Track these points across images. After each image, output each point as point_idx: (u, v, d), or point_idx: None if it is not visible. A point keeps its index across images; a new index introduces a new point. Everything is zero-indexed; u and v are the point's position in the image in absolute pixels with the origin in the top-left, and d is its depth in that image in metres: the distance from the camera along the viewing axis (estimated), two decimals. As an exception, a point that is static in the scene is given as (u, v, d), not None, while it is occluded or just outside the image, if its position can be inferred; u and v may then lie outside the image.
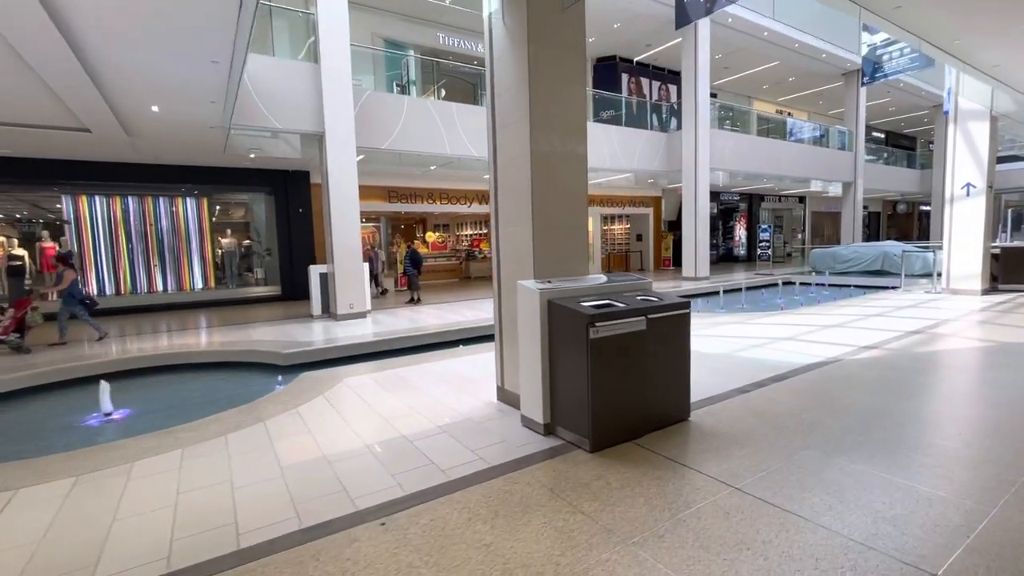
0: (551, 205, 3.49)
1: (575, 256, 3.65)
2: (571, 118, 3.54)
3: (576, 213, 3.63)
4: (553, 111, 3.45)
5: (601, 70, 17.31)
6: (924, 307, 8.21)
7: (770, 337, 6.16)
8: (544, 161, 3.43)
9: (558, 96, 3.47)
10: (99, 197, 11.09)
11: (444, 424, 3.55)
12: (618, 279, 3.65)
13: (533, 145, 3.38)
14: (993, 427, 3.19)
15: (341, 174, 8.69)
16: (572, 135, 3.56)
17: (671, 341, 3.31)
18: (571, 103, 3.54)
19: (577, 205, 3.63)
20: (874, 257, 14.25)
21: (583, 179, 3.66)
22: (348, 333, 7.42)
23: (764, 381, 4.31)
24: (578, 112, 3.58)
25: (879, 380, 4.24)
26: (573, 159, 3.58)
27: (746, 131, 17.67)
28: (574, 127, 3.57)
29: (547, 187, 3.47)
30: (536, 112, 3.38)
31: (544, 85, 3.40)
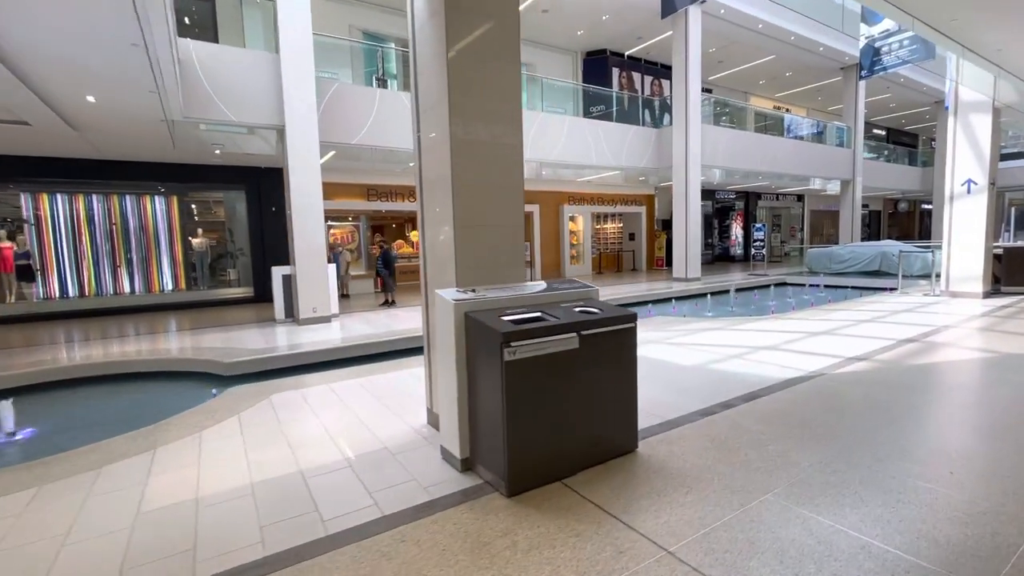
0: (477, 201, 3.01)
1: (508, 260, 3.16)
2: (501, 101, 3.06)
3: (509, 211, 3.14)
4: (478, 92, 2.97)
5: (591, 64, 16.81)
6: (921, 311, 7.70)
7: (751, 346, 5.66)
8: (467, 150, 2.94)
9: (484, 74, 2.98)
10: (61, 195, 10.63)
11: (356, 455, 3.07)
12: (560, 287, 3.16)
13: (453, 130, 2.90)
14: (990, 463, 2.70)
15: (303, 170, 8.21)
16: (502, 120, 3.07)
17: (612, 361, 2.82)
18: (501, 83, 3.05)
19: (510, 202, 3.15)
20: (872, 257, 13.73)
21: (517, 172, 3.17)
22: (305, 339, 6.95)
23: (734, 401, 3.82)
24: (510, 94, 3.09)
25: (863, 400, 3.75)
26: (504, 148, 3.09)
27: (742, 127, 17.15)
28: (505, 111, 3.08)
29: (471, 180, 2.98)
30: (456, 93, 2.89)
31: (466, 61, 2.92)
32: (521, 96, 3.15)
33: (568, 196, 16.95)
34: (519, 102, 3.14)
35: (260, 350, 6.30)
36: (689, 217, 13.77)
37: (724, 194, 21.64)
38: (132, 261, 11.36)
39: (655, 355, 5.36)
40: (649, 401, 3.85)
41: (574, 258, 17.49)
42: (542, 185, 16.02)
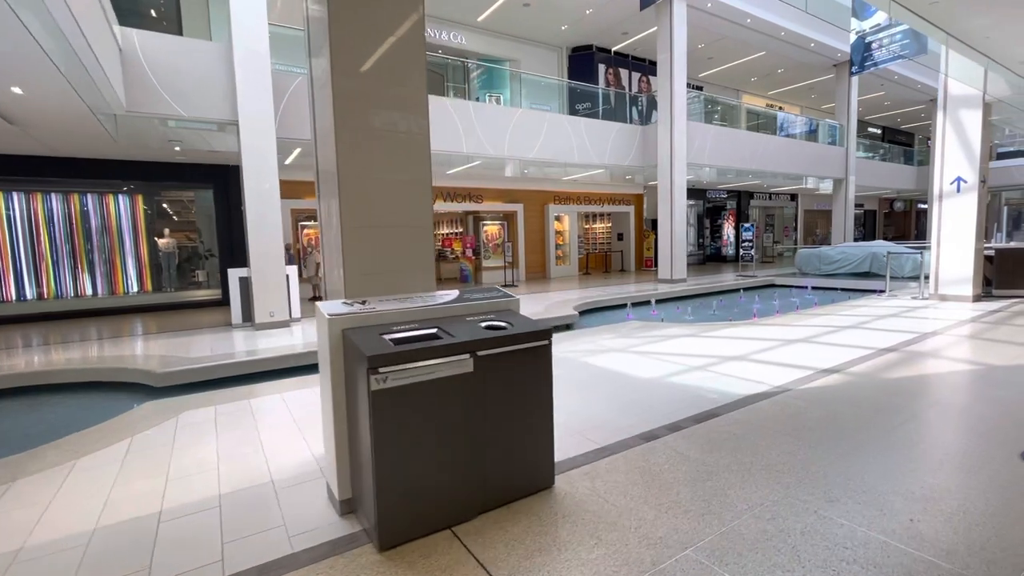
0: (371, 198, 2.61)
1: (412, 266, 2.76)
2: (400, 84, 2.65)
3: (414, 209, 2.74)
4: (370, 73, 2.56)
5: (577, 61, 16.41)
6: (906, 316, 7.31)
7: (719, 356, 5.27)
8: (355, 139, 2.54)
9: (376, 52, 2.58)
10: (17, 194, 10.22)
11: (235, 490, 2.67)
12: (473, 297, 2.76)
13: (337, 115, 2.50)
14: (960, 505, 2.30)
15: (259, 168, 7.80)
16: (402, 106, 2.67)
17: (520, 385, 2.42)
18: (399, 63, 2.65)
19: (415, 198, 2.74)
20: (862, 258, 13.34)
21: (423, 163, 2.77)
22: (258, 346, 6.55)
23: (683, 422, 3.42)
24: (411, 76, 2.69)
25: (826, 422, 3.35)
26: (404, 138, 2.69)
27: (735, 126, 16.76)
28: (406, 96, 2.68)
29: (363, 174, 2.58)
30: (340, 74, 2.49)
31: (353, 37, 2.51)
32: (425, 79, 2.75)
33: (554, 195, 16.55)
34: (422, 86, 2.74)
35: (200, 358, 5.90)
36: (674, 216, 13.37)
37: (716, 193, 21.26)
38: (94, 262, 10.95)
39: (613, 366, 4.96)
40: (588, 421, 3.46)
41: (560, 259, 17.09)
42: (526, 184, 15.63)
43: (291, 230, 12.24)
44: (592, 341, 6.23)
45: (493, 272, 15.11)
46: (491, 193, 15.35)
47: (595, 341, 6.22)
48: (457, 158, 11.37)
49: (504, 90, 14.48)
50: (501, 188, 15.41)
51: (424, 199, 2.78)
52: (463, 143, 10.74)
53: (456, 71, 14.45)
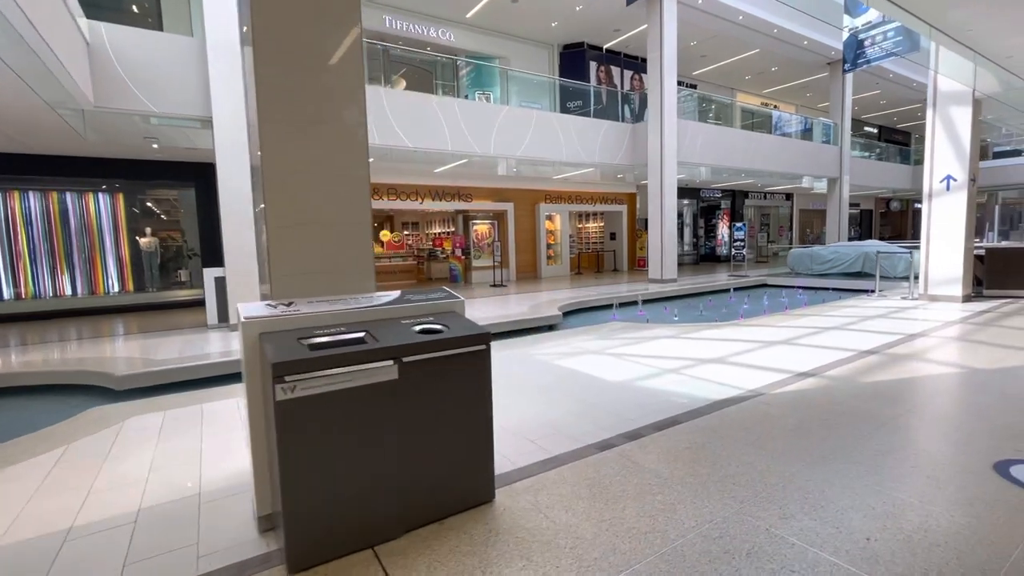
0: (299, 193, 2.45)
1: (348, 267, 2.60)
2: (332, 68, 2.49)
3: (349, 206, 2.58)
4: (297, 54, 2.40)
5: (568, 58, 16.25)
6: (893, 317, 7.15)
7: (696, 358, 5.11)
8: (282, 128, 2.38)
9: (304, 31, 2.42)
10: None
11: (158, 503, 2.51)
12: (414, 298, 2.60)
13: (261, 105, 2.34)
14: (922, 522, 2.15)
15: (232, 165, 7.63)
16: (334, 95, 2.51)
17: (455, 393, 2.27)
18: (331, 45, 2.49)
19: (350, 195, 2.58)
20: (855, 258, 13.19)
21: (360, 158, 2.61)
22: (225, 348, 6.39)
23: (644, 429, 3.26)
24: (346, 60, 2.53)
25: (793, 429, 3.19)
26: (338, 128, 2.53)
27: (729, 124, 16.60)
28: (339, 82, 2.52)
29: (290, 167, 2.42)
30: (264, 53, 2.33)
31: (278, 12, 2.35)
32: (363, 68, 2.59)
33: (545, 194, 16.40)
34: (359, 75, 2.58)
35: (164, 360, 5.73)
36: (664, 216, 13.22)
37: (710, 192, 21.11)
38: (74, 262, 10.79)
39: (585, 368, 4.80)
40: (545, 428, 3.30)
41: (551, 258, 16.93)
42: (517, 183, 15.47)
43: (275, 229, 12.05)
44: (569, 343, 6.07)
45: (483, 272, 14.94)
46: (481, 192, 15.19)
47: (572, 343, 6.07)
48: (443, 156, 11.21)
49: (494, 88, 14.33)
50: (491, 187, 15.25)
51: (360, 196, 2.62)
52: (448, 141, 10.58)
53: (445, 69, 14.30)
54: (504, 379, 4.54)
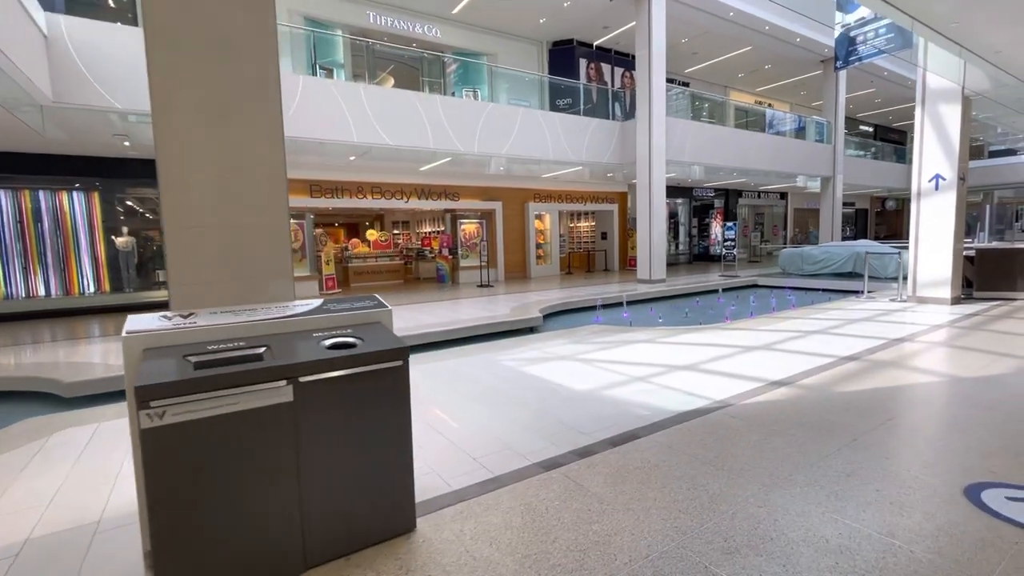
0: (202, 192, 2.23)
1: (262, 272, 2.38)
2: (238, 53, 2.27)
3: (263, 205, 2.37)
4: (199, 32, 2.18)
5: (558, 55, 16.01)
6: (879, 321, 6.95)
7: (668, 365, 4.90)
8: (180, 119, 2.17)
9: (206, 7, 2.19)
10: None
11: (47, 534, 2.29)
12: (335, 308, 2.39)
13: (156, 88, 2.12)
14: (876, 566, 1.94)
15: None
16: (242, 81, 2.29)
17: (366, 414, 2.05)
18: (236, 28, 2.27)
19: (264, 192, 2.37)
20: (846, 258, 12.99)
21: (274, 152, 2.39)
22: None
23: (596, 446, 3.05)
24: (256, 45, 2.31)
25: (755, 446, 2.98)
26: (248, 120, 2.31)
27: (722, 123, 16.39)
28: (247, 69, 2.30)
29: (191, 162, 2.21)
30: (157, 35, 2.11)
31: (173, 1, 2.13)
32: (276, 53, 2.37)
33: (534, 193, 16.18)
34: (271, 61, 2.36)
35: (118, 366, 5.51)
36: (653, 215, 13.01)
37: (703, 192, 20.93)
38: (47, 262, 10.55)
39: (550, 376, 4.59)
40: (492, 444, 3.08)
41: (541, 258, 16.72)
42: (505, 182, 15.26)
43: (256, 229, 11.82)
44: (542, 347, 5.86)
45: (470, 271, 14.72)
46: (469, 191, 14.97)
47: (545, 347, 5.85)
48: (425, 154, 10.99)
49: (481, 86, 14.11)
50: (479, 186, 15.03)
51: (276, 195, 2.40)
52: (430, 139, 10.35)
53: (432, 66, 14.06)
54: (465, 387, 4.33)
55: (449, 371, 4.89)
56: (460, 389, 4.30)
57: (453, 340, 7.11)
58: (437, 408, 3.82)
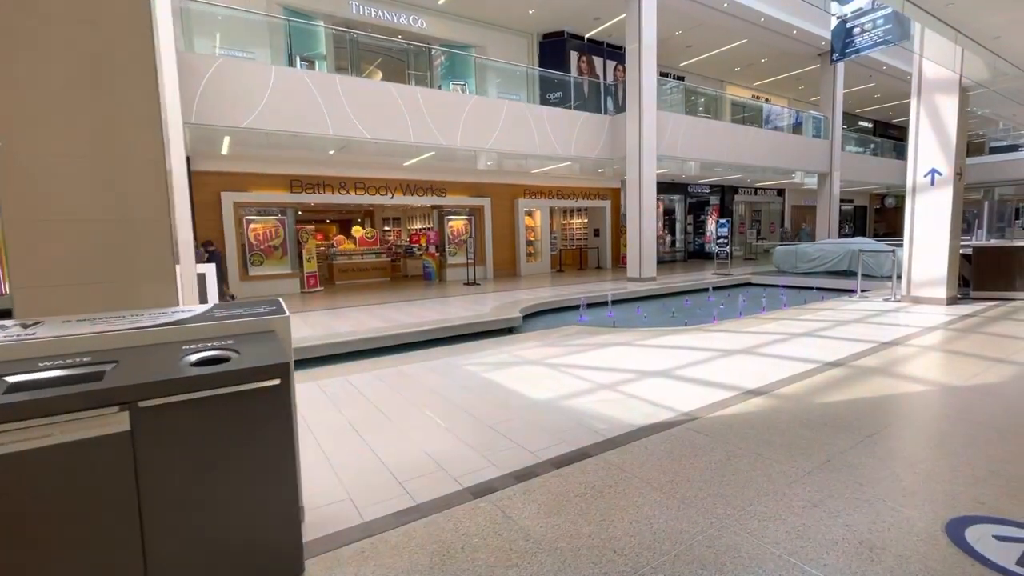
0: (56, 179, 1.91)
1: (133, 275, 2.06)
2: (94, 15, 1.94)
3: (134, 197, 2.05)
4: (41, 9, 1.86)
5: (548, 48, 15.64)
6: (870, 322, 6.63)
7: (639, 370, 4.58)
8: (23, 92, 1.84)
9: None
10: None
11: None
12: (220, 315, 2.07)
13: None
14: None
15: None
16: (106, 49, 1.96)
17: (236, 442, 1.73)
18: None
19: (136, 182, 2.04)
20: (841, 255, 12.66)
21: (149, 135, 2.07)
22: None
23: (540, 466, 2.73)
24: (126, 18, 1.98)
25: (716, 467, 2.67)
26: (113, 95, 1.98)
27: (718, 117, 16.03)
28: (111, 34, 1.97)
29: (38, 142, 1.88)
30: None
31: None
32: (149, 18, 2.04)
33: (524, 189, 15.84)
34: (144, 27, 2.03)
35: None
36: (643, 211, 12.67)
37: (698, 188, 20.57)
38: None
39: (511, 383, 4.27)
40: (424, 465, 2.77)
41: (531, 255, 16.39)
42: (494, 177, 14.92)
43: (234, 225, 11.53)
44: (511, 350, 5.55)
45: (458, 269, 14.39)
46: (456, 187, 14.63)
47: (515, 350, 5.54)
48: (406, 148, 10.66)
49: (469, 79, 13.74)
50: (467, 181, 14.69)
51: (152, 185, 2.08)
52: (409, 132, 10.01)
53: (419, 59, 13.70)
54: (415, 395, 4.01)
55: (404, 377, 4.58)
56: (409, 397, 3.99)
57: (426, 342, 6.80)
58: (374, 420, 3.50)
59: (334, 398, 4.00)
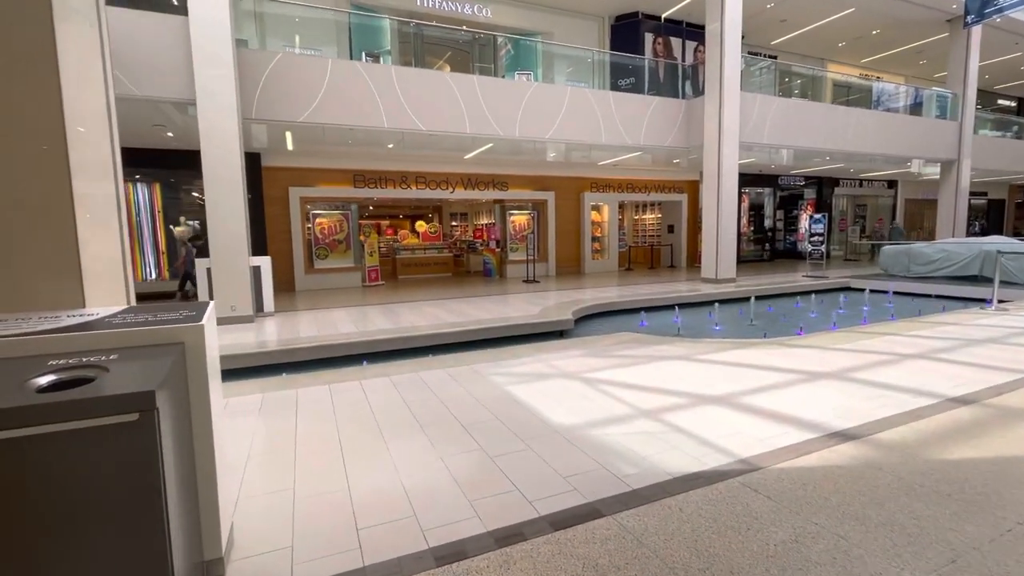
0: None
1: (26, 268, 1.72)
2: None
3: (20, 175, 1.70)
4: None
5: (621, 31, 14.64)
6: (1011, 343, 5.21)
7: (695, 394, 3.78)
8: None
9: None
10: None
11: None
12: (123, 321, 1.69)
13: None
14: None
15: (218, 152, 7.22)
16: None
17: (75, 491, 1.31)
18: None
19: (30, 159, 1.70)
20: (970, 258, 10.56)
21: (43, 99, 1.71)
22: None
23: (533, 524, 2.12)
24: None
25: (775, 560, 1.90)
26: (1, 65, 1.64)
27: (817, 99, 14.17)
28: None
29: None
30: None
31: None
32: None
33: (591, 182, 15.01)
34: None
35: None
36: (722, 205, 11.40)
37: (791, 179, 18.49)
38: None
39: (536, 401, 3.66)
40: (395, 510, 2.26)
41: (597, 252, 15.53)
42: (559, 170, 14.26)
43: (300, 219, 11.85)
44: (546, 359, 4.92)
45: (519, 266, 13.91)
46: (519, 180, 14.14)
47: (550, 360, 4.91)
48: (463, 141, 10.29)
49: (535, 69, 13.15)
50: (530, 175, 14.16)
51: (49, 163, 1.73)
52: (466, 123, 9.63)
53: (484, 50, 13.33)
54: (422, 409, 3.54)
55: (419, 384, 4.13)
56: (416, 410, 3.52)
57: (467, 343, 6.37)
58: (365, 438, 3.06)
59: (337, 406, 3.63)
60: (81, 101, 1.94)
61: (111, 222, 2.02)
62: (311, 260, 12.28)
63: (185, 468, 1.63)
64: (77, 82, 1.91)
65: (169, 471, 1.45)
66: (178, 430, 1.58)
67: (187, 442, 1.66)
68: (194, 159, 7.34)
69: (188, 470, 1.66)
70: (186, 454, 1.65)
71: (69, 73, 1.80)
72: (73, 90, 1.83)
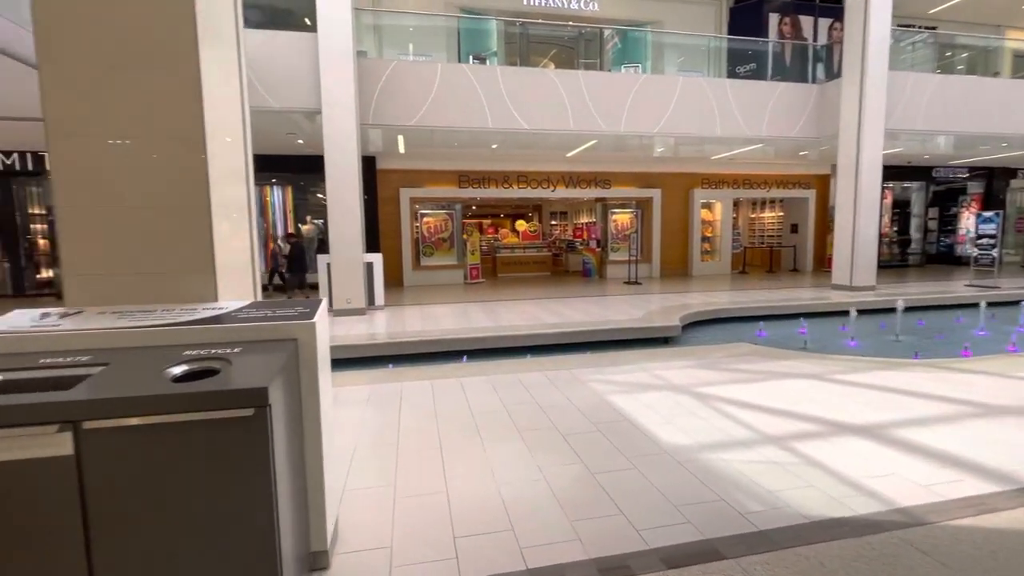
0: (98, 161, 1.80)
1: (171, 266, 1.89)
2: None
3: (173, 184, 1.86)
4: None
5: (740, 14, 13.53)
6: None
7: (830, 421, 3.25)
8: (69, 69, 1.75)
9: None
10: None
11: None
12: (246, 316, 1.78)
13: (40, 32, 1.73)
14: None
15: (338, 155, 7.80)
16: (149, 23, 1.78)
17: (194, 483, 1.37)
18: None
19: (175, 169, 1.85)
20: None
21: (192, 117, 1.85)
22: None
23: (637, 558, 1.90)
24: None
25: (963, 644, 1.50)
26: (153, 73, 1.80)
27: (987, 75, 11.97)
28: (147, 10, 1.79)
29: (83, 126, 1.79)
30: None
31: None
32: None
33: (701, 178, 14.06)
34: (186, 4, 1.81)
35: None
36: (860, 202, 10.00)
37: (948, 172, 15.81)
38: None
39: (641, 415, 3.40)
40: (488, 518, 2.19)
41: (707, 253, 14.50)
42: (666, 166, 13.54)
43: (409, 218, 12.49)
44: (651, 369, 4.59)
45: (620, 266, 13.42)
46: (622, 177, 13.66)
47: (656, 369, 4.57)
48: (567, 138, 10.12)
49: (644, 61, 12.59)
50: (635, 171, 13.60)
51: (193, 171, 1.87)
52: (569, 119, 9.44)
53: (590, 45, 13.05)
54: (521, 413, 3.44)
55: (518, 387, 4.04)
56: (514, 414, 3.44)
57: (565, 345, 6.22)
58: (465, 439, 3.03)
59: (439, 403, 3.68)
60: (220, 115, 2.08)
61: (242, 223, 2.16)
62: (418, 257, 12.89)
63: (295, 460, 1.67)
64: (217, 99, 2.06)
65: (280, 463, 1.48)
66: (289, 423, 1.62)
67: (297, 435, 1.70)
68: (319, 163, 8.02)
69: (298, 463, 1.70)
70: (296, 447, 1.69)
71: (212, 91, 1.95)
72: (214, 106, 1.97)
